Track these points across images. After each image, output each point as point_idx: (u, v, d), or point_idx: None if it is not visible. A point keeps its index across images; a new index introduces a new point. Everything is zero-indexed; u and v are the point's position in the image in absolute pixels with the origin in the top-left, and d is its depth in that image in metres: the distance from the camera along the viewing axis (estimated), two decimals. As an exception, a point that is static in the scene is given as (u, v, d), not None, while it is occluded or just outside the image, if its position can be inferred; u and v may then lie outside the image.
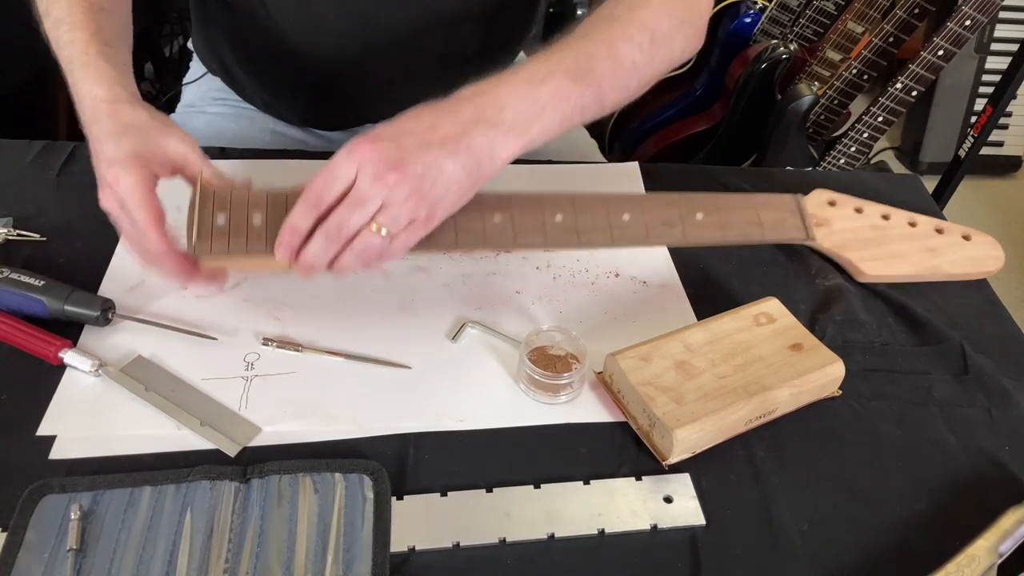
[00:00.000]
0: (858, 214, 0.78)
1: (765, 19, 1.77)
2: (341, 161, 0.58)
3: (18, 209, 0.77)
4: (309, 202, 0.58)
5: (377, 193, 0.56)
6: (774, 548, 0.56)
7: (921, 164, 2.33)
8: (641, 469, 0.60)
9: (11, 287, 0.65)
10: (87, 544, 0.52)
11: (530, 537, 0.55)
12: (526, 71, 0.63)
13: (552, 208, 0.67)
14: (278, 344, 0.67)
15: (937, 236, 0.78)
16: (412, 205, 0.57)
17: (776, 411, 0.63)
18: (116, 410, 0.61)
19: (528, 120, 0.62)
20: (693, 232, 0.70)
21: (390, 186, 0.56)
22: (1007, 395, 0.68)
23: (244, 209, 0.62)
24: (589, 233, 0.67)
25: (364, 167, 0.57)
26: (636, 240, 0.69)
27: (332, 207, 0.58)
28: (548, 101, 0.62)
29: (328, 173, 0.58)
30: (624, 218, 0.68)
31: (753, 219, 0.73)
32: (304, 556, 0.52)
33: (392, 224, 0.58)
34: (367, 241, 0.58)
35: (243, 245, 0.61)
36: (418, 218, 0.58)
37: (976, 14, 1.39)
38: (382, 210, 0.57)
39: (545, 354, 0.66)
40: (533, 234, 0.66)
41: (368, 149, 0.57)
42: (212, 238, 0.61)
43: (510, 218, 0.66)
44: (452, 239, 0.64)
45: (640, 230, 0.69)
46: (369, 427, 0.62)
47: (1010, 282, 2.03)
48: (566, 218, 0.67)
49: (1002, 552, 0.55)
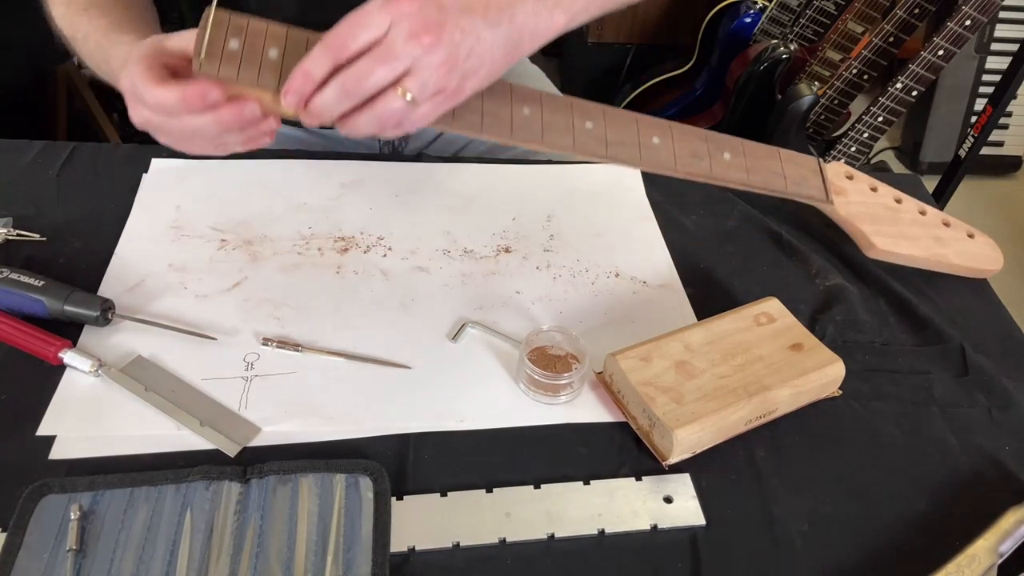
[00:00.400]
0: (873, 192, 0.78)
1: (765, 19, 1.77)
2: (375, 10, 0.52)
3: (18, 209, 0.77)
4: (330, 48, 0.53)
5: (409, 53, 0.52)
6: (774, 548, 0.56)
7: (921, 164, 2.33)
8: (641, 469, 0.60)
9: (11, 287, 0.65)
10: (87, 544, 0.52)
11: (530, 537, 0.55)
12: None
13: (582, 114, 0.64)
14: (278, 344, 0.67)
15: (944, 228, 0.79)
16: (443, 74, 0.53)
17: (776, 411, 0.63)
18: (116, 410, 0.61)
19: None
20: (719, 169, 0.68)
21: (424, 48, 0.52)
22: (1007, 395, 0.68)
23: (261, 39, 0.56)
24: (617, 146, 0.64)
25: (400, 22, 0.52)
26: (662, 165, 0.66)
27: (354, 58, 0.52)
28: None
29: (356, 19, 0.52)
30: (654, 140, 0.66)
31: (777, 170, 0.71)
32: (304, 556, 0.52)
33: (419, 90, 0.53)
34: (389, 104, 0.53)
35: (254, 77, 0.55)
36: (446, 89, 0.54)
37: (976, 14, 1.39)
38: (410, 73, 0.53)
39: (545, 354, 0.66)
40: (562, 135, 0.63)
41: (408, 4, 0.52)
42: (222, 60, 0.54)
43: (539, 113, 0.63)
44: (478, 122, 0.60)
45: (668, 156, 0.66)
46: (369, 427, 0.62)
47: (1010, 282, 2.03)
48: (596, 127, 0.64)
49: (1002, 552, 0.55)
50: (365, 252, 0.76)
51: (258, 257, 0.75)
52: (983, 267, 0.79)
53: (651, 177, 0.88)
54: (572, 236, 0.80)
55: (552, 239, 0.80)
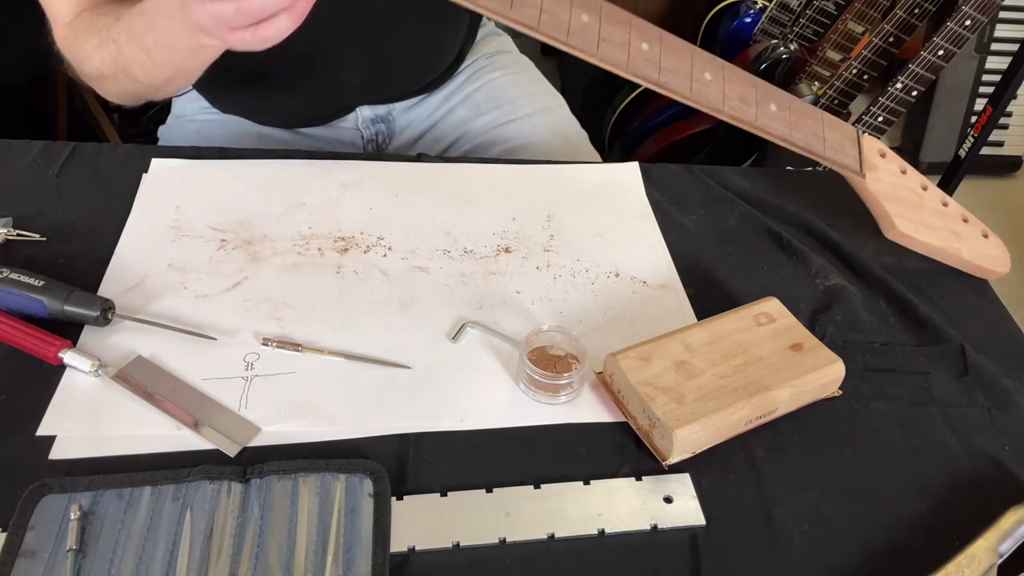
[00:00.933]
0: (903, 175, 0.78)
1: (765, 19, 1.77)
2: None
3: (18, 209, 0.77)
4: None
5: None
6: (774, 548, 0.56)
7: (921, 164, 2.33)
8: (641, 469, 0.60)
9: (11, 287, 0.65)
10: (87, 544, 0.52)
11: (530, 537, 0.55)
12: None
13: (640, 34, 0.64)
14: (278, 344, 0.67)
15: (963, 223, 0.79)
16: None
17: (776, 411, 0.63)
18: (116, 410, 0.61)
19: None
20: (764, 119, 0.68)
21: None
22: (1007, 395, 0.68)
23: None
24: (669, 74, 0.64)
25: None
26: (711, 102, 0.66)
27: None
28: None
29: None
30: (706, 76, 0.66)
31: (818, 132, 0.71)
32: (304, 556, 0.52)
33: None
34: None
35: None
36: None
37: (976, 14, 1.39)
38: None
39: (545, 354, 0.66)
40: (617, 49, 0.62)
41: None
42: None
43: (597, 23, 0.62)
44: (535, 16, 0.60)
45: (718, 94, 0.66)
46: (369, 427, 0.62)
47: (1010, 282, 2.02)
48: (652, 50, 0.64)
49: (1002, 552, 0.55)
50: (365, 252, 0.76)
51: (258, 257, 0.75)
52: (991, 268, 0.79)
53: (651, 177, 0.88)
54: (572, 236, 0.80)
55: (552, 239, 0.80)
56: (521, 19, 0.59)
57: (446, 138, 1.04)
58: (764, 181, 0.90)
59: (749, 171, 0.92)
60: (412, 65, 0.99)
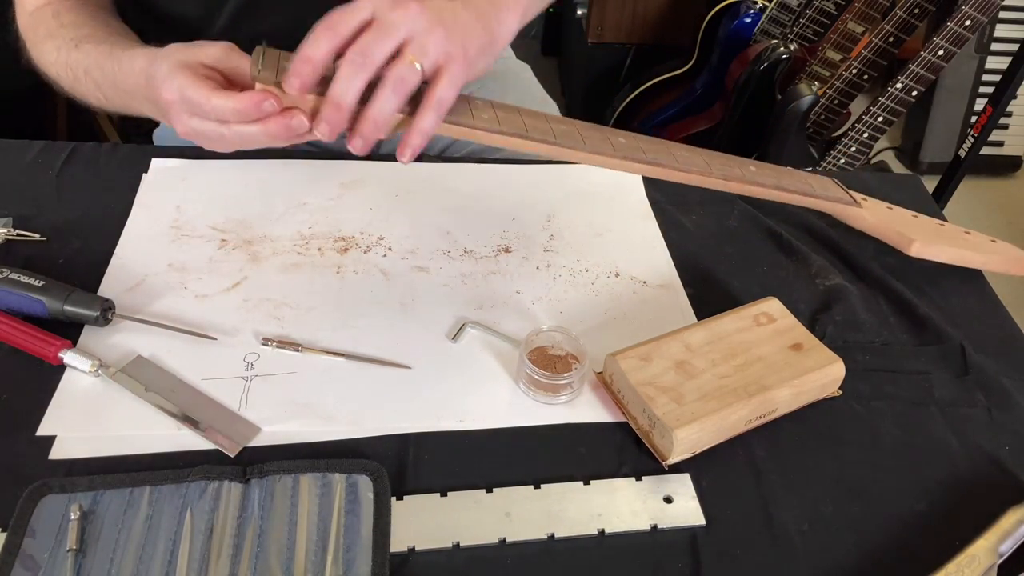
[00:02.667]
0: (889, 210, 0.80)
1: (765, 19, 1.77)
2: (353, 3, 0.55)
3: (18, 209, 0.77)
4: (323, 32, 0.54)
5: (399, 19, 0.54)
6: (774, 548, 0.56)
7: (921, 164, 2.33)
8: (641, 469, 0.60)
9: (11, 287, 0.65)
10: (87, 544, 0.52)
11: (530, 537, 0.55)
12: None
13: (614, 133, 0.67)
14: (278, 344, 0.67)
15: (967, 236, 0.80)
16: (440, 37, 0.55)
17: (776, 411, 0.63)
18: (116, 410, 0.61)
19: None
20: (750, 175, 0.71)
21: (413, 14, 0.54)
22: (1007, 395, 0.68)
23: None
24: (655, 153, 0.67)
25: (380, 2, 0.54)
26: (699, 169, 0.68)
27: (350, 41, 0.54)
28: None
29: (342, 9, 0.55)
30: (685, 154, 0.69)
31: (802, 180, 0.74)
32: (304, 556, 0.52)
33: (422, 55, 0.54)
34: (401, 71, 0.54)
35: None
36: (452, 55, 0.56)
37: (976, 14, 1.39)
38: (410, 41, 0.54)
39: (545, 354, 0.66)
40: (601, 143, 0.65)
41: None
42: (278, 70, 0.57)
43: (576, 129, 0.65)
44: (521, 125, 0.62)
45: (702, 163, 0.69)
46: (369, 427, 0.62)
47: (1010, 282, 2.03)
48: (629, 141, 0.67)
49: (1002, 552, 0.55)
50: (365, 252, 0.76)
51: (258, 257, 0.75)
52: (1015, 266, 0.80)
53: (651, 177, 0.88)
54: (572, 236, 0.81)
55: (552, 239, 0.80)
56: (511, 129, 0.61)
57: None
58: (764, 181, 0.90)
59: (749, 171, 0.92)
60: None
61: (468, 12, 0.58)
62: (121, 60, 0.67)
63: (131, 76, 0.66)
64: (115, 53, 0.69)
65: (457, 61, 0.56)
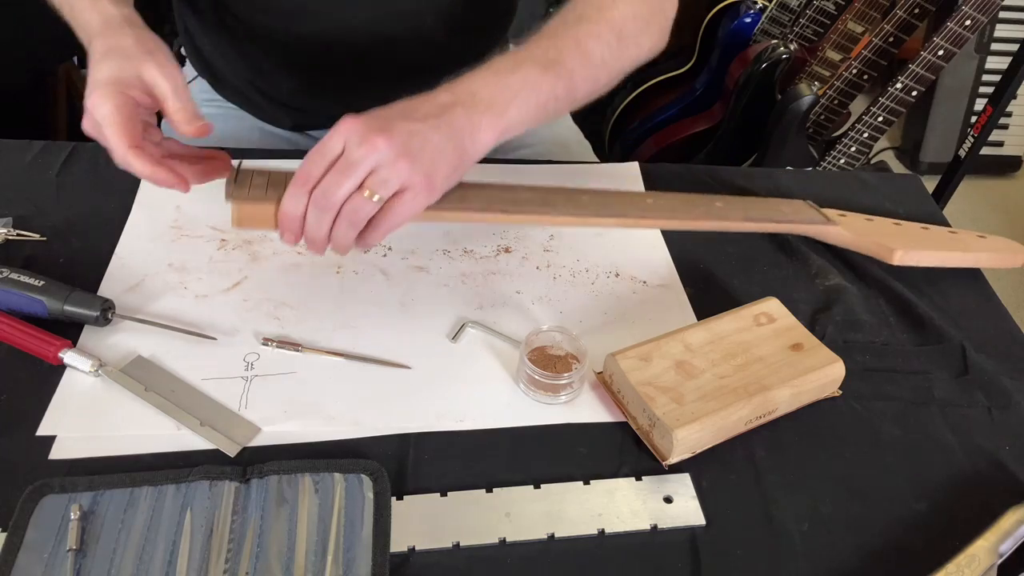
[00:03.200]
0: (869, 221, 0.80)
1: (765, 19, 1.77)
2: (328, 137, 0.58)
3: (18, 209, 0.77)
4: (299, 183, 0.58)
5: (364, 156, 0.56)
6: (774, 548, 0.56)
7: (921, 164, 2.33)
8: (641, 469, 0.60)
9: (11, 287, 0.65)
10: (87, 544, 0.52)
11: (530, 537, 0.55)
12: (494, 64, 0.65)
13: (578, 193, 0.70)
14: (278, 344, 0.67)
15: (953, 235, 0.80)
16: (404, 167, 0.57)
17: (776, 411, 0.63)
18: (116, 410, 0.61)
19: (503, 103, 0.63)
20: (716, 212, 0.73)
21: (378, 149, 0.56)
22: (1007, 395, 0.68)
23: (282, 176, 0.63)
24: (619, 207, 0.70)
25: (351, 135, 0.57)
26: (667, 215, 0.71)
27: None
28: (520, 88, 0.64)
29: (316, 151, 0.58)
30: (648, 201, 0.72)
31: (772, 207, 0.76)
32: (304, 556, 0.52)
33: (382, 187, 0.57)
34: (354, 205, 0.57)
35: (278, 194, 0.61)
36: (414, 184, 0.58)
37: (976, 14, 1.39)
38: (372, 174, 0.57)
39: (545, 354, 0.66)
40: (566, 205, 0.68)
41: (353, 120, 0.58)
42: (250, 186, 0.62)
43: (541, 195, 0.69)
44: (483, 203, 0.66)
45: (667, 208, 0.71)
46: (369, 427, 0.62)
47: (1010, 282, 2.03)
48: (591, 199, 0.70)
49: (1002, 552, 0.55)
50: (365, 252, 0.76)
51: (258, 257, 0.75)
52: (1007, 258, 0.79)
53: (651, 176, 0.88)
54: (572, 236, 0.80)
55: (552, 239, 0.80)
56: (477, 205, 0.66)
57: None
58: (764, 181, 0.90)
59: (749, 171, 0.92)
60: None
61: (440, 134, 0.59)
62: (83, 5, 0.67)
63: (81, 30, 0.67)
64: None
65: (417, 188, 0.58)
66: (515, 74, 0.64)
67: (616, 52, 0.71)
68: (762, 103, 1.63)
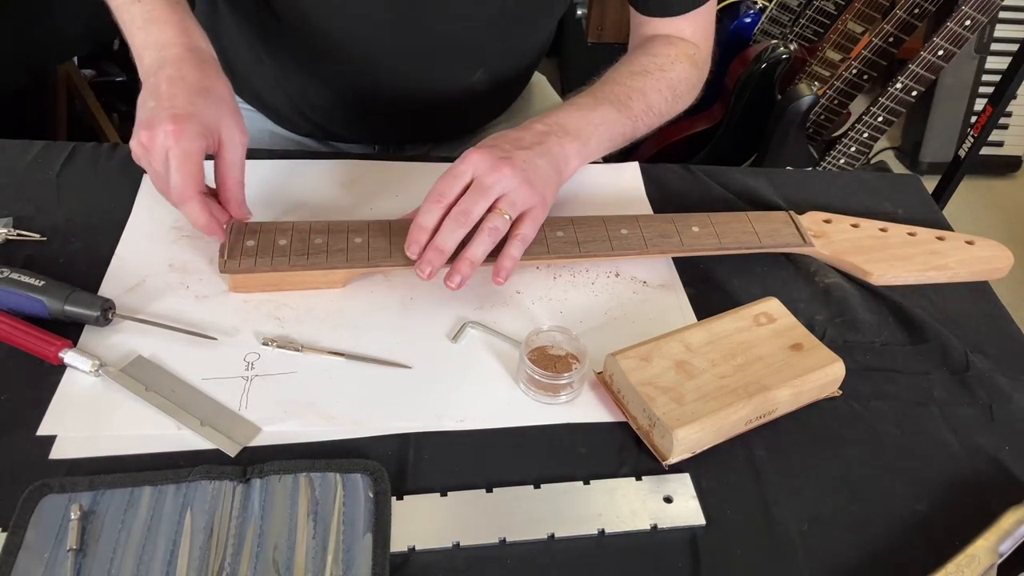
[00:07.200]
0: (855, 228, 0.80)
1: (765, 19, 1.77)
2: (457, 166, 0.68)
3: (18, 209, 0.77)
4: (434, 199, 0.67)
5: (495, 182, 0.67)
6: (774, 548, 0.56)
7: (921, 164, 2.33)
8: (641, 469, 0.60)
9: (11, 287, 0.65)
10: (87, 544, 0.52)
11: (530, 537, 0.55)
12: (576, 102, 0.78)
13: (551, 226, 0.74)
14: (278, 344, 0.67)
15: (939, 242, 0.79)
16: (526, 193, 0.68)
17: (776, 411, 0.63)
18: (116, 410, 0.61)
19: (587, 135, 0.76)
20: (691, 241, 0.75)
21: (505, 176, 0.67)
22: (1007, 395, 0.68)
23: (271, 235, 0.71)
24: (589, 244, 0.74)
25: (479, 165, 0.68)
26: (635, 248, 0.74)
27: (454, 203, 0.67)
28: (600, 123, 0.77)
29: (449, 176, 0.68)
30: (622, 232, 0.75)
31: (748, 229, 0.77)
32: (304, 556, 0.52)
33: (511, 208, 0.68)
34: (493, 223, 0.67)
35: (268, 262, 0.69)
36: (535, 204, 0.69)
37: (976, 14, 1.39)
38: (502, 197, 0.68)
39: (545, 354, 0.66)
40: (536, 244, 0.72)
41: (478, 153, 0.68)
42: (241, 256, 0.70)
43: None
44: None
45: (638, 240, 0.75)
46: (369, 427, 0.62)
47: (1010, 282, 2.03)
48: (566, 233, 0.74)
49: (1002, 552, 0.55)
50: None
51: (258, 257, 0.75)
52: (992, 267, 0.79)
53: (651, 176, 0.88)
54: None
55: (552, 239, 0.80)
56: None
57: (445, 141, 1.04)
58: (764, 181, 0.90)
59: (749, 171, 0.92)
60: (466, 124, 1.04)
61: (545, 161, 0.71)
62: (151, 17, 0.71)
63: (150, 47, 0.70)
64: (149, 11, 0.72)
65: (538, 207, 0.70)
66: (596, 111, 0.77)
67: (670, 106, 0.85)
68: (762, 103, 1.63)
